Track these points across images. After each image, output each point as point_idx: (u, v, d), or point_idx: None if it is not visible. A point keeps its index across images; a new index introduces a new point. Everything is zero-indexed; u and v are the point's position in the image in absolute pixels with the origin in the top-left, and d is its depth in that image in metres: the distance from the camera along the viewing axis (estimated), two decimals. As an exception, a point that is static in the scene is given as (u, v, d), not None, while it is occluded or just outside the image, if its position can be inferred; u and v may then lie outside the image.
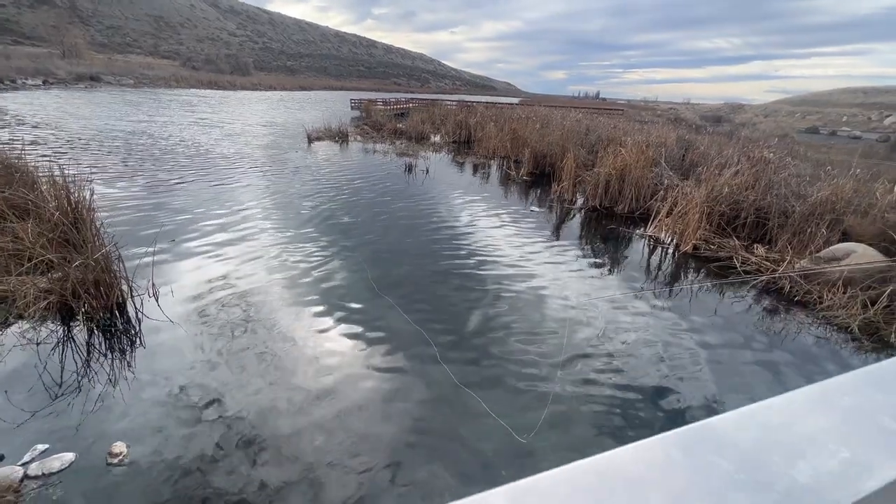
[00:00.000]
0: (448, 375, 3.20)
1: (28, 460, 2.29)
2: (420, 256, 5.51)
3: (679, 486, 0.32)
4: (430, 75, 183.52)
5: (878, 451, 0.37)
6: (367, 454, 2.50)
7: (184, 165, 9.67)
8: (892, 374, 0.47)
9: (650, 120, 28.25)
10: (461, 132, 17.54)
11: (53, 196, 4.26)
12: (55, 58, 47.24)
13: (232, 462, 2.39)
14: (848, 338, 4.21)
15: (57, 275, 3.61)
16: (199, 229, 5.77)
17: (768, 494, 0.32)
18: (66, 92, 29.44)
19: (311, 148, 13.63)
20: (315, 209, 7.17)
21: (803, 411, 0.41)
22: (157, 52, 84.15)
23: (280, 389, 2.96)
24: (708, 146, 11.65)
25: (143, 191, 7.43)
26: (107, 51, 71.23)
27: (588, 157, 10.61)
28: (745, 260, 5.82)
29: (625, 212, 8.06)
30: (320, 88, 78.55)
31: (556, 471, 0.33)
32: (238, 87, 56.62)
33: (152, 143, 12.13)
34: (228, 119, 20.62)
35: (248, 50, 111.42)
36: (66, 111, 18.47)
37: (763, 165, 7.78)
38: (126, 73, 48.33)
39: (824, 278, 4.96)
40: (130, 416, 2.65)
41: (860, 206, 6.40)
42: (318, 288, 4.43)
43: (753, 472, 0.34)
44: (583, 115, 20.49)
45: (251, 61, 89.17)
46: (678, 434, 0.37)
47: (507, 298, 4.47)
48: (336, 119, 17.27)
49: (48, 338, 3.28)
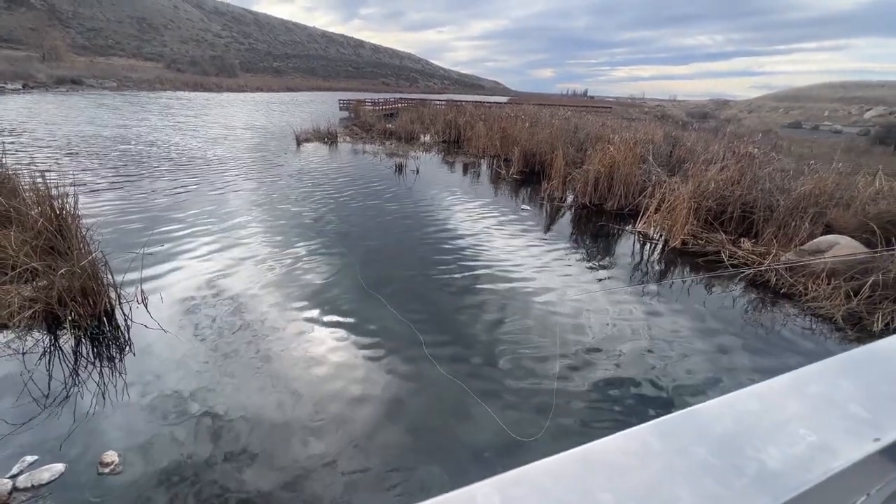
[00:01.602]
0: (440, 373, 3.21)
1: (16, 472, 2.25)
2: (412, 257, 5.51)
3: (656, 473, 0.34)
4: (419, 75, 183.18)
5: (842, 435, 0.39)
6: (363, 457, 2.50)
7: (170, 170, 9.54)
8: (859, 362, 0.49)
9: (637, 117, 28.54)
10: (450, 132, 17.55)
11: (36, 203, 4.18)
12: (35, 61, 46.22)
13: (226, 468, 2.37)
14: (832, 328, 4.31)
15: (42, 283, 3.55)
16: (187, 234, 5.71)
17: (739, 479, 0.34)
18: (48, 96, 28.81)
19: (299, 150, 13.53)
20: (304, 211, 7.12)
21: (777, 399, 0.43)
22: (140, 53, 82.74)
23: (272, 393, 2.94)
24: (694, 142, 11.83)
25: (131, 197, 7.31)
26: (88, 53, 69.84)
27: (577, 155, 10.70)
28: (732, 254, 5.92)
29: (614, 208, 8.14)
30: (308, 89, 77.98)
31: (543, 462, 0.34)
32: (224, 89, 55.92)
33: (136, 149, 11.93)
34: (214, 122, 20.38)
35: (234, 51, 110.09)
36: (38, 117, 18.10)
37: (748, 161, 7.91)
38: (109, 76, 47.43)
39: (809, 270, 5.08)
40: (121, 424, 2.62)
41: (842, 199, 6.55)
42: (308, 290, 4.41)
43: (727, 458, 0.36)
44: (571, 112, 20.64)
45: (237, 63, 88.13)
46: (659, 423, 0.39)
47: (500, 295, 4.50)
48: (325, 120, 17.17)
49: (34, 347, 3.22)
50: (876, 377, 0.47)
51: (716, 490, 0.32)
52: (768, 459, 0.36)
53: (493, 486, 0.32)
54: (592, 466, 0.34)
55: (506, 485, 0.32)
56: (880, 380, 0.46)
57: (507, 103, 32.02)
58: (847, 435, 0.39)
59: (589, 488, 0.32)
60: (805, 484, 0.34)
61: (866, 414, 0.41)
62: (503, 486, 0.32)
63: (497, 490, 0.31)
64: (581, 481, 0.32)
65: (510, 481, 0.32)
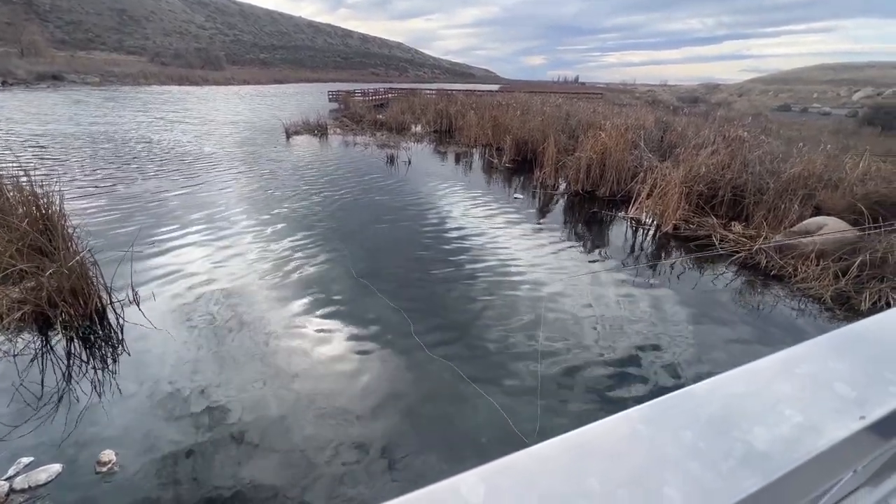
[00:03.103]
0: (431, 357, 3.23)
1: (13, 474, 2.24)
2: (406, 248, 5.50)
3: (643, 458, 0.34)
4: (409, 64, 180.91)
5: (828, 414, 0.39)
6: (361, 455, 2.52)
7: (158, 167, 9.38)
8: (846, 341, 0.50)
9: (629, 103, 28.45)
10: (442, 121, 17.40)
11: (21, 203, 4.09)
12: (13, 57, 44.98)
13: (224, 465, 2.38)
14: (821, 308, 4.39)
15: (30, 284, 3.50)
16: (178, 231, 5.64)
17: (725, 462, 0.34)
18: (26, 93, 28.10)
19: (289, 143, 13.36)
20: (295, 206, 7.06)
21: (765, 380, 0.44)
22: (122, 47, 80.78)
23: (269, 388, 2.94)
24: (685, 127, 11.83)
25: (120, 195, 7.20)
26: (68, 48, 68.06)
27: (569, 142, 10.67)
28: (723, 237, 5.98)
29: (606, 195, 8.15)
30: (296, 81, 76.75)
31: (529, 450, 0.34)
32: (211, 83, 54.91)
33: (123, 146, 11.72)
34: (201, 117, 20.02)
35: (219, 43, 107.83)
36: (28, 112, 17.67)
37: (738, 144, 7.95)
38: (90, 71, 46.32)
39: (798, 251, 5.14)
40: (117, 423, 2.61)
41: (831, 181, 6.61)
42: (302, 283, 4.39)
43: (714, 441, 0.36)
44: (563, 100, 20.52)
45: (223, 55, 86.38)
46: (647, 407, 0.39)
47: (494, 281, 4.51)
48: (314, 112, 16.93)
49: (26, 349, 3.19)
50: (862, 356, 0.47)
51: (702, 473, 0.33)
52: (755, 441, 0.36)
53: (479, 475, 0.32)
54: (579, 453, 0.34)
55: (491, 474, 0.32)
56: (866, 358, 0.47)
57: (498, 91, 31.76)
58: (833, 413, 0.39)
59: (575, 475, 0.32)
60: (792, 463, 0.34)
61: (852, 392, 0.42)
62: (488, 475, 0.32)
63: (482, 480, 0.31)
64: (567, 468, 0.33)
65: (495, 470, 0.32)
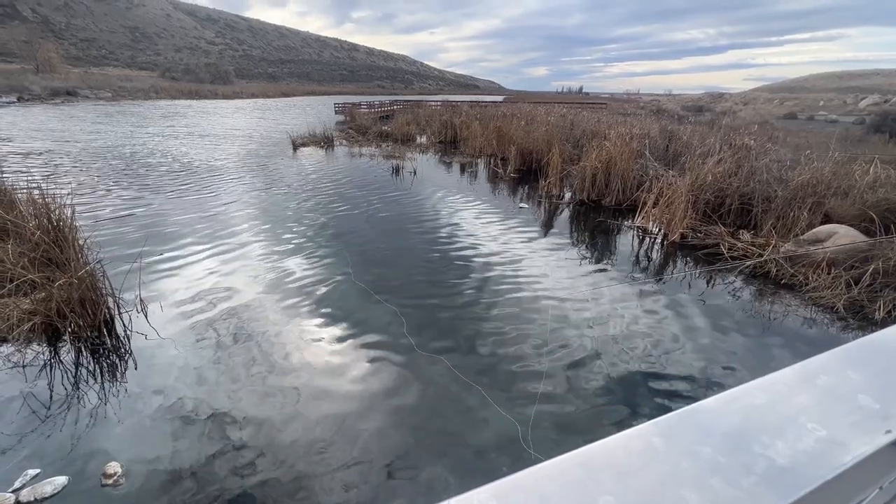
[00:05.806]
0: (442, 370, 3.20)
1: (19, 486, 2.23)
2: (413, 260, 5.50)
3: (660, 474, 0.33)
4: (414, 77, 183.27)
5: (852, 428, 0.38)
6: (366, 463, 2.49)
7: (168, 179, 9.52)
8: (866, 352, 0.48)
9: (633, 112, 28.53)
10: (447, 132, 17.54)
11: (33, 215, 4.16)
12: (29, 73, 46.22)
13: (230, 477, 2.36)
14: (834, 317, 4.30)
15: (41, 295, 3.53)
16: (186, 242, 5.69)
17: (747, 477, 0.33)
18: (46, 108, 28.80)
19: (296, 155, 13.52)
20: (303, 216, 7.11)
21: (784, 392, 0.42)
22: (134, 63, 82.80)
23: (275, 400, 2.93)
24: (690, 136, 11.80)
25: (128, 207, 7.30)
26: (82, 64, 69.90)
27: (574, 152, 10.69)
28: (731, 246, 5.91)
29: (612, 204, 8.13)
30: (303, 94, 77.99)
31: (543, 465, 0.33)
32: (220, 97, 55.95)
33: (134, 158, 11.93)
34: (210, 130, 20.36)
35: (228, 58, 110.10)
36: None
37: (745, 152, 7.90)
38: (103, 86, 47.47)
39: (809, 260, 5.06)
40: (124, 435, 2.61)
41: (840, 189, 6.53)
42: (309, 295, 4.39)
43: (734, 455, 0.35)
44: (567, 110, 20.63)
45: (232, 69, 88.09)
46: (663, 421, 0.38)
47: (503, 294, 4.48)
48: (321, 124, 17.16)
49: (35, 360, 3.21)
50: (884, 367, 0.45)
51: (724, 490, 0.31)
52: (776, 456, 0.34)
53: (492, 492, 0.31)
54: (593, 469, 0.33)
55: (504, 490, 0.31)
56: (889, 370, 0.45)
57: (502, 102, 32.03)
58: (857, 428, 0.38)
59: (590, 492, 0.31)
60: (816, 480, 0.33)
61: (876, 405, 0.40)
62: (501, 492, 0.31)
63: (495, 496, 0.30)
64: (582, 485, 0.31)
65: (509, 486, 0.31)
